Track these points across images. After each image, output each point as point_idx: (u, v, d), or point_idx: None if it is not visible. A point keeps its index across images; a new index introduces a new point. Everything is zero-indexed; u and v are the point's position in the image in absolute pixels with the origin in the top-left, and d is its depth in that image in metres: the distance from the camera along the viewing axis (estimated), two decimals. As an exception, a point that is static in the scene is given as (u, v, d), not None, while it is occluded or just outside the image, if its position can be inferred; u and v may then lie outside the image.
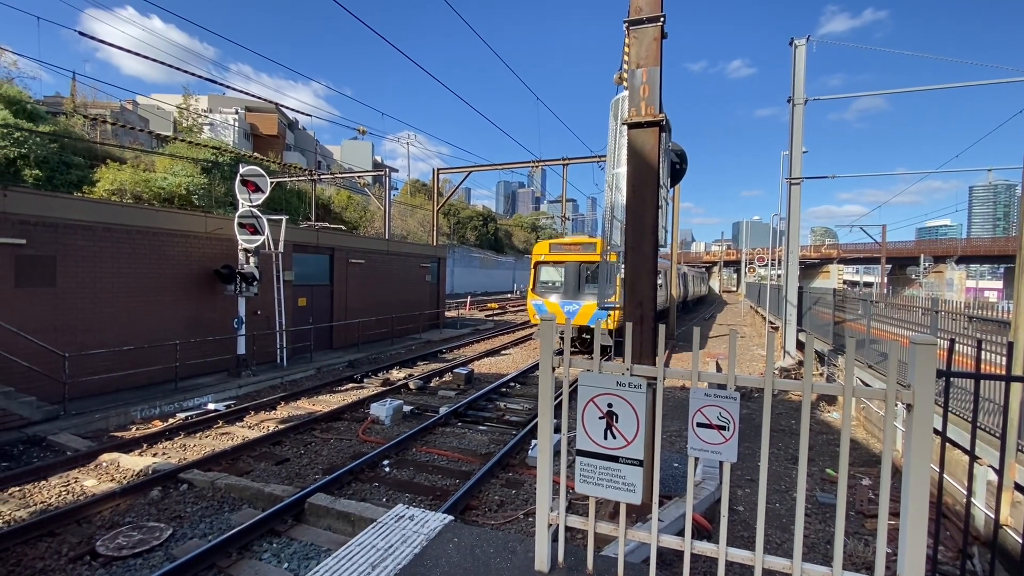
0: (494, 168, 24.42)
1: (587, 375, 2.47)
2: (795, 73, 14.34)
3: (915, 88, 16.13)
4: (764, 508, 2.19)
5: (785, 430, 9.36)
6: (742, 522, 5.86)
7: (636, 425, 2.39)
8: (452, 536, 3.07)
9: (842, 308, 13.56)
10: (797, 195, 14.86)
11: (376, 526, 3.20)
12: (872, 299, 11.49)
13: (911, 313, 9.39)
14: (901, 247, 63.39)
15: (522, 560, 2.81)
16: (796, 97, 14.38)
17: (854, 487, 6.66)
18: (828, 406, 10.96)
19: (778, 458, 7.94)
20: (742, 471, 7.17)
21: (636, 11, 4.71)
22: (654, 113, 4.61)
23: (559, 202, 24.60)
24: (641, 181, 4.70)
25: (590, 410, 2.47)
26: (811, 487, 6.86)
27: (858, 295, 13.27)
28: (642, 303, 4.71)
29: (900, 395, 1.97)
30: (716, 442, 2.24)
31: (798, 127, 14.52)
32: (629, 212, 4.80)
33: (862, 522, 5.93)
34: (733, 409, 2.21)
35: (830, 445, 8.53)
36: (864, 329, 11.13)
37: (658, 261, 4.92)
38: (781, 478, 7.11)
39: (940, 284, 51.32)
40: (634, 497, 2.40)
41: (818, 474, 7.34)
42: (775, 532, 5.67)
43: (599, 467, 2.46)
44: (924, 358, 1.93)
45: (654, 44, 4.66)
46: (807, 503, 6.36)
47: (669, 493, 5.59)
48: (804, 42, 14.26)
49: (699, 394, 2.26)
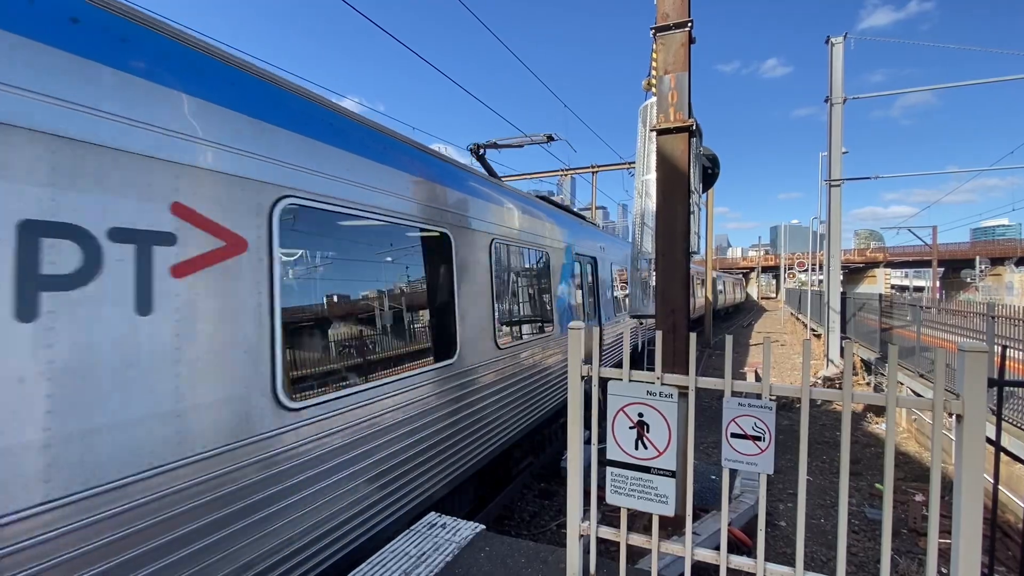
0: (523, 178, 24.58)
1: (617, 384, 2.45)
2: (832, 72, 13.92)
3: (964, 83, 15.36)
4: (803, 522, 2.12)
5: (830, 442, 8.97)
6: (784, 538, 5.63)
7: (668, 435, 2.35)
8: (484, 545, 3.08)
9: (889, 314, 12.95)
10: (837, 197, 14.35)
11: (409, 533, 3.23)
12: (922, 304, 10.92)
13: (965, 319, 8.88)
14: (954, 249, 60.10)
15: (553, 571, 2.79)
16: (834, 96, 13.95)
17: (906, 503, 6.31)
18: (876, 417, 10.44)
19: (823, 471, 7.61)
20: (784, 484, 6.90)
21: (663, 17, 4.69)
22: (683, 119, 4.56)
23: (589, 209, 24.51)
24: (671, 187, 4.64)
25: (620, 420, 2.44)
26: (859, 502, 6.54)
27: (907, 300, 12.64)
28: (674, 311, 4.63)
29: (948, 404, 1.88)
30: (751, 453, 2.17)
31: (837, 127, 14.06)
32: (659, 218, 4.74)
33: (915, 540, 5.61)
34: (769, 419, 2.14)
35: (879, 458, 8.13)
36: (914, 336, 10.58)
37: (691, 268, 4.83)
38: (826, 492, 6.81)
39: (999, 288, 48.31)
40: (667, 509, 2.35)
41: (867, 489, 7.00)
42: (820, 549, 5.43)
43: (630, 478, 2.43)
44: (974, 365, 1.83)
45: (682, 49, 4.61)
46: (855, 519, 6.06)
47: (706, 506, 5.43)
48: (841, 40, 13.84)
49: (733, 403, 2.21)
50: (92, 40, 2.07)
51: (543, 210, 7.24)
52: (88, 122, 1.99)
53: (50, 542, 1.80)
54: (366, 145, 3.60)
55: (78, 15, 2.05)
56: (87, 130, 1.99)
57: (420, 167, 4.29)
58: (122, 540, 2.00)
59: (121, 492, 2.01)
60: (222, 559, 2.38)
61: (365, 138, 3.64)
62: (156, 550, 2.11)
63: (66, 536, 1.84)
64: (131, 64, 2.18)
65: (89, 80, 2.02)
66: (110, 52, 2.12)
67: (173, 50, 2.42)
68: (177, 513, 2.20)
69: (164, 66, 2.33)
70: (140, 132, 2.17)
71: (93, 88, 2.03)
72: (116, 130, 2.08)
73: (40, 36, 1.89)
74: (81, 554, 1.88)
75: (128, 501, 2.03)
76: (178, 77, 2.38)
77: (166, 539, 2.15)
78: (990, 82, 13.98)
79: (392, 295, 4.00)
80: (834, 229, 14.49)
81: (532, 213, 6.71)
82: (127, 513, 2.02)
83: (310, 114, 3.18)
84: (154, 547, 2.10)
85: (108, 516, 1.97)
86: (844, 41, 13.82)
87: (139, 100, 2.18)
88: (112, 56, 2.12)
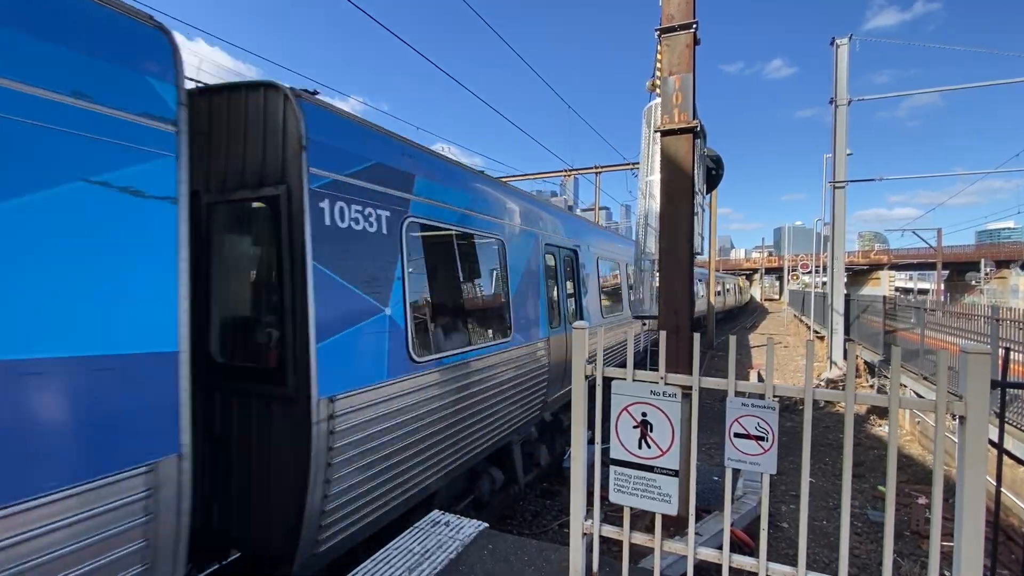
0: (526, 178, 24.59)
1: (620, 383, 2.47)
2: (837, 73, 13.89)
3: (970, 85, 15.30)
4: (806, 522, 2.13)
5: (833, 444, 8.96)
6: (786, 539, 5.63)
7: (671, 435, 2.36)
8: (487, 543, 3.10)
9: (893, 316, 12.91)
10: (842, 199, 14.32)
11: (412, 530, 3.26)
12: (926, 306, 10.89)
13: (968, 321, 8.86)
14: (959, 251, 59.79)
15: (556, 569, 2.81)
16: (839, 98, 13.92)
17: (909, 506, 6.30)
18: (879, 419, 10.42)
19: (825, 473, 7.60)
20: (786, 486, 6.90)
21: (668, 19, 4.70)
22: (687, 120, 4.58)
23: (592, 210, 24.50)
24: (675, 188, 4.65)
25: (624, 419, 2.46)
26: (861, 505, 6.53)
27: (910, 302, 12.60)
28: (677, 311, 4.64)
29: (951, 406, 1.89)
30: (754, 453, 2.19)
31: (841, 129, 14.03)
32: (663, 219, 4.76)
33: (918, 543, 5.60)
34: (771, 419, 2.16)
35: (881, 461, 8.11)
36: (918, 339, 10.55)
37: (694, 269, 4.84)
38: (830, 494, 6.80)
39: (1004, 291, 48.07)
40: (669, 508, 2.37)
41: (869, 491, 6.99)
42: (823, 550, 5.43)
43: (633, 477, 2.44)
44: (976, 367, 1.84)
45: (686, 51, 4.63)
46: (858, 522, 6.05)
47: (707, 507, 5.44)
48: (846, 41, 13.81)
49: (736, 403, 2.22)
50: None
51: (498, 189, 5.96)
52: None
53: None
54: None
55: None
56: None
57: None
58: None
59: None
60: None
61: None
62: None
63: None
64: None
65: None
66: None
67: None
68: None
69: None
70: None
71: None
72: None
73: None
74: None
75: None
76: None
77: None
78: (997, 84, 13.92)
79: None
80: (838, 231, 14.46)
81: (478, 190, 5.37)
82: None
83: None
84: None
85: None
86: (849, 43, 13.80)
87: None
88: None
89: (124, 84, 2.25)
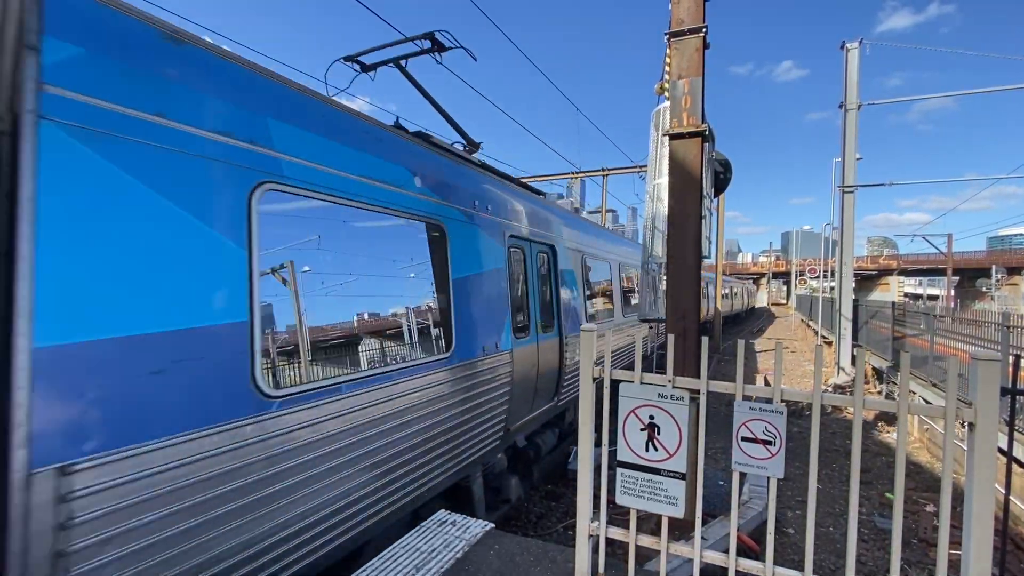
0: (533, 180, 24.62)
1: (628, 386, 2.48)
2: (847, 77, 13.82)
3: (983, 90, 15.15)
4: (813, 527, 2.13)
5: (840, 450, 8.90)
6: (792, 545, 5.61)
7: (678, 438, 2.37)
8: (493, 543, 3.12)
9: (902, 322, 12.81)
10: (851, 204, 14.24)
11: (419, 530, 3.28)
12: (936, 313, 10.80)
13: (979, 328, 8.78)
14: (970, 257, 59.20)
15: (561, 570, 2.82)
16: (849, 102, 13.85)
17: (916, 513, 6.25)
18: (888, 426, 10.34)
19: (832, 480, 7.55)
20: (793, 492, 6.86)
21: (677, 23, 4.71)
22: (696, 123, 4.58)
23: (598, 212, 24.48)
24: (683, 192, 4.65)
25: (631, 421, 2.47)
26: (869, 511, 6.49)
27: (920, 308, 12.50)
28: (684, 315, 4.64)
29: (961, 413, 1.89)
30: (762, 457, 2.19)
31: (851, 133, 13.95)
32: (671, 223, 4.76)
33: (925, 550, 5.55)
34: (779, 423, 2.16)
35: (889, 468, 8.04)
36: (927, 345, 10.47)
37: (701, 273, 4.83)
38: (837, 500, 6.76)
39: (1015, 297, 47.52)
40: (676, 511, 2.38)
41: (877, 498, 6.93)
42: (829, 557, 5.40)
43: (640, 479, 2.45)
44: (987, 374, 1.84)
45: (696, 55, 4.63)
46: (865, 528, 6.01)
47: (714, 512, 5.42)
48: (856, 45, 13.74)
49: (743, 407, 2.23)
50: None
51: (443, 159, 4.78)
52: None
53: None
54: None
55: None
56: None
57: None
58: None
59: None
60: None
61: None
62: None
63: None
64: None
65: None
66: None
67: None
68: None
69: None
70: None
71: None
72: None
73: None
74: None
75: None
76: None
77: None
78: (1010, 89, 13.79)
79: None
80: (847, 235, 14.36)
81: (406, 155, 4.17)
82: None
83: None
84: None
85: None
86: (859, 46, 13.72)
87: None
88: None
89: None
